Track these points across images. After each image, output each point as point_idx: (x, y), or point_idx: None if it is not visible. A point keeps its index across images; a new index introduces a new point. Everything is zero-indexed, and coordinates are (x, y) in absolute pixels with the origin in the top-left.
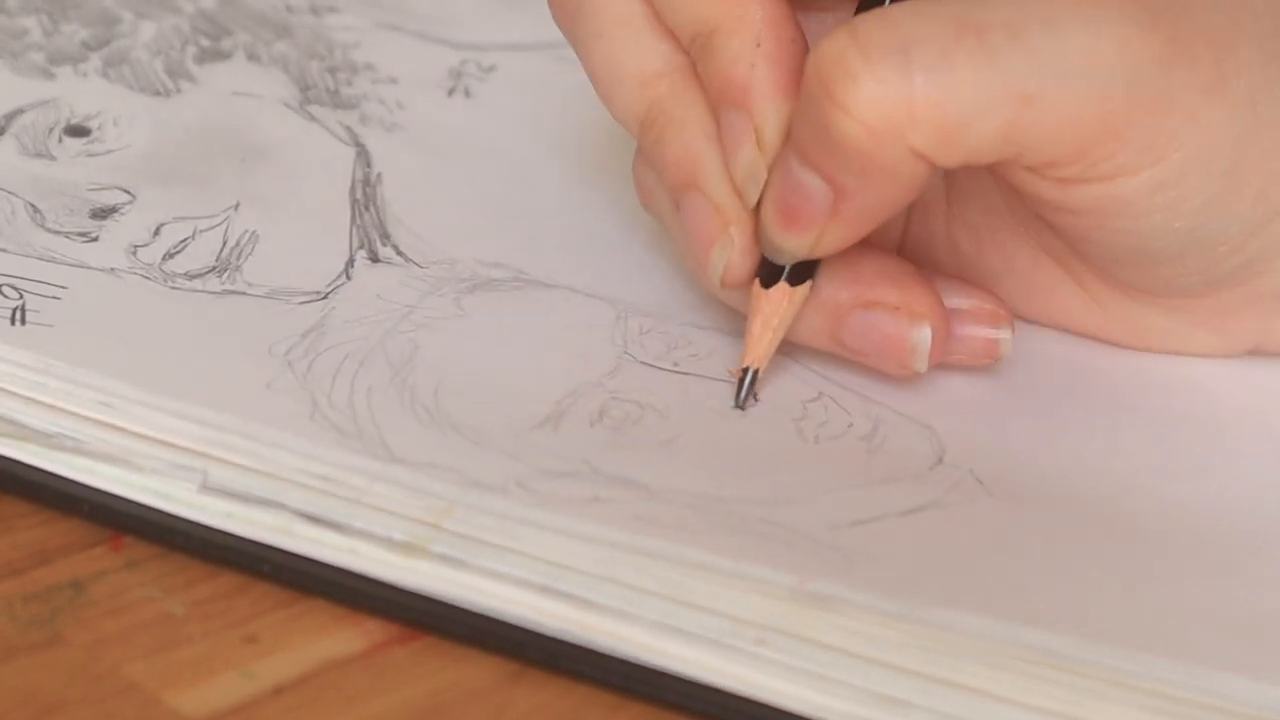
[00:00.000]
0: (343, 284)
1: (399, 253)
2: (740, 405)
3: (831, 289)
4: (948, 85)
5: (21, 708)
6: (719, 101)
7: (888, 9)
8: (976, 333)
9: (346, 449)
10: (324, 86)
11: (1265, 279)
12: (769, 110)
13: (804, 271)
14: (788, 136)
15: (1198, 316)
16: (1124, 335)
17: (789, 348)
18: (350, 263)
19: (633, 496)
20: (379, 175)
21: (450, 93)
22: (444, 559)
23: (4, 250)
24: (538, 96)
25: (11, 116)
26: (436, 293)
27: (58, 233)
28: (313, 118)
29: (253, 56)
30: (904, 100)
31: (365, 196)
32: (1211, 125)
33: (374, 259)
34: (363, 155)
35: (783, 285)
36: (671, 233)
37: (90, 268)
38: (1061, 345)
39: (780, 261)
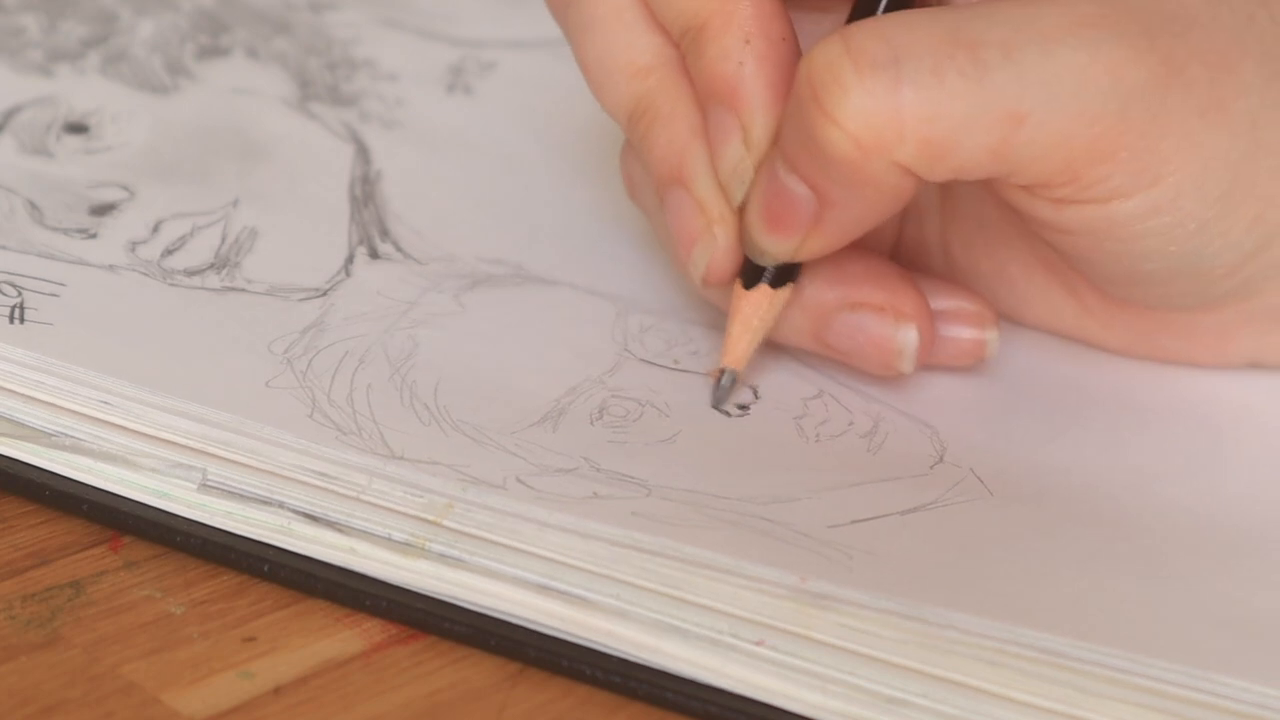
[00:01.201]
0: (342, 280)
1: (398, 249)
2: (717, 406)
3: (816, 289)
4: (938, 102)
5: (21, 708)
6: (707, 98)
7: (882, 19)
8: (962, 334)
9: (346, 446)
10: (323, 83)
11: (1262, 298)
12: (756, 109)
13: (787, 274)
14: (775, 138)
15: (1193, 332)
16: (1118, 346)
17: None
18: (350, 259)
19: (632, 493)
20: (378, 172)
21: (450, 89)
22: (443, 558)
23: (3, 247)
24: (537, 93)
25: (10, 114)
26: (436, 289)
27: (56, 230)
28: (312, 115)
29: (252, 53)
30: (893, 114)
31: (364, 193)
32: (1208, 149)
33: (373, 255)
34: (362, 152)
35: (764, 287)
36: (656, 227)
37: (89, 265)
38: (1062, 345)
39: (763, 263)
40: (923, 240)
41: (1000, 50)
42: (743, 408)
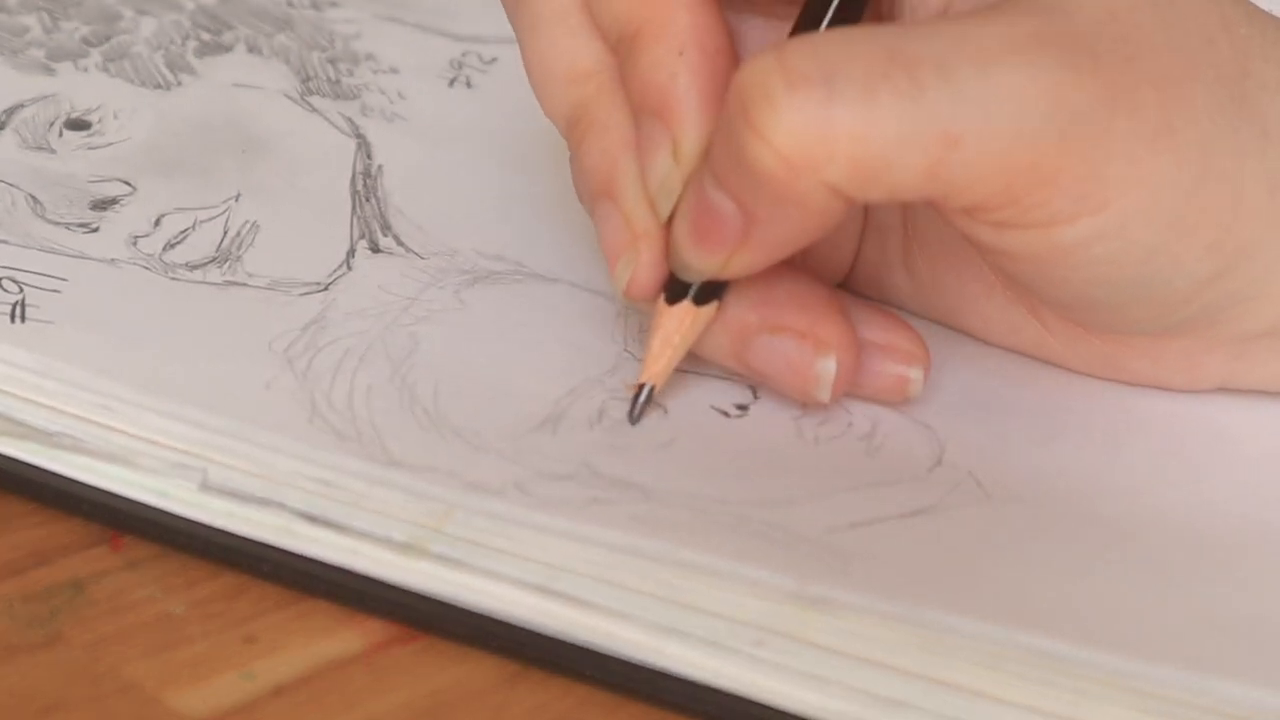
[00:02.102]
0: (343, 274)
1: (400, 243)
2: (633, 422)
3: (739, 309)
4: (870, 121)
5: (21, 708)
6: (638, 108)
7: (820, 35)
8: (887, 369)
9: (345, 453)
10: (325, 77)
11: (1225, 327)
12: (687, 122)
13: (711, 291)
14: (705, 152)
15: (1160, 356)
16: (1083, 368)
17: None
18: (351, 253)
19: (631, 498)
20: (380, 167)
21: (451, 83)
22: (444, 559)
23: (4, 242)
24: None
25: (11, 111)
26: (437, 285)
27: (58, 224)
28: (313, 109)
29: (253, 49)
30: (823, 133)
31: (366, 188)
32: (1155, 175)
33: (375, 249)
34: (363, 146)
35: (687, 303)
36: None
37: (90, 258)
38: None
39: (687, 279)
40: (884, 257)
41: (936, 69)
42: (741, 408)
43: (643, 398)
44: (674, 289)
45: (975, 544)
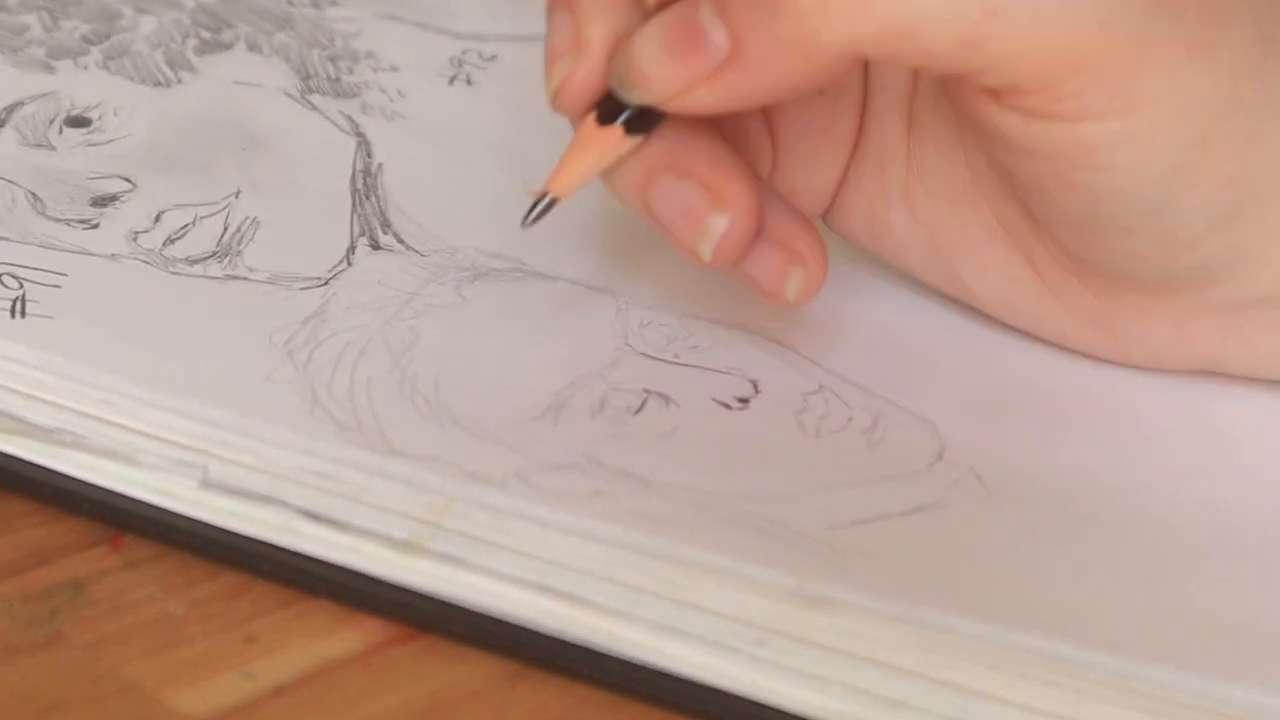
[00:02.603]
0: (344, 270)
1: (400, 240)
2: (525, 227)
3: (656, 146)
4: None
5: (21, 708)
6: None
7: None
8: (771, 259)
9: (346, 443)
10: (325, 75)
11: (1223, 288)
12: None
13: (642, 124)
14: None
15: (1150, 319)
16: (1074, 329)
17: (790, 339)
18: (351, 249)
19: (632, 489)
20: (379, 165)
21: (451, 81)
22: (444, 557)
23: (4, 238)
24: (539, 86)
25: (11, 109)
26: (437, 281)
27: (58, 220)
28: (313, 107)
29: (253, 47)
30: None
31: (366, 186)
32: (1189, 88)
33: (375, 246)
34: (363, 145)
35: (615, 128)
36: None
37: (91, 254)
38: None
39: (626, 99)
40: (884, 189)
41: None
42: (742, 401)
43: (542, 205)
44: (605, 110)
45: (976, 542)
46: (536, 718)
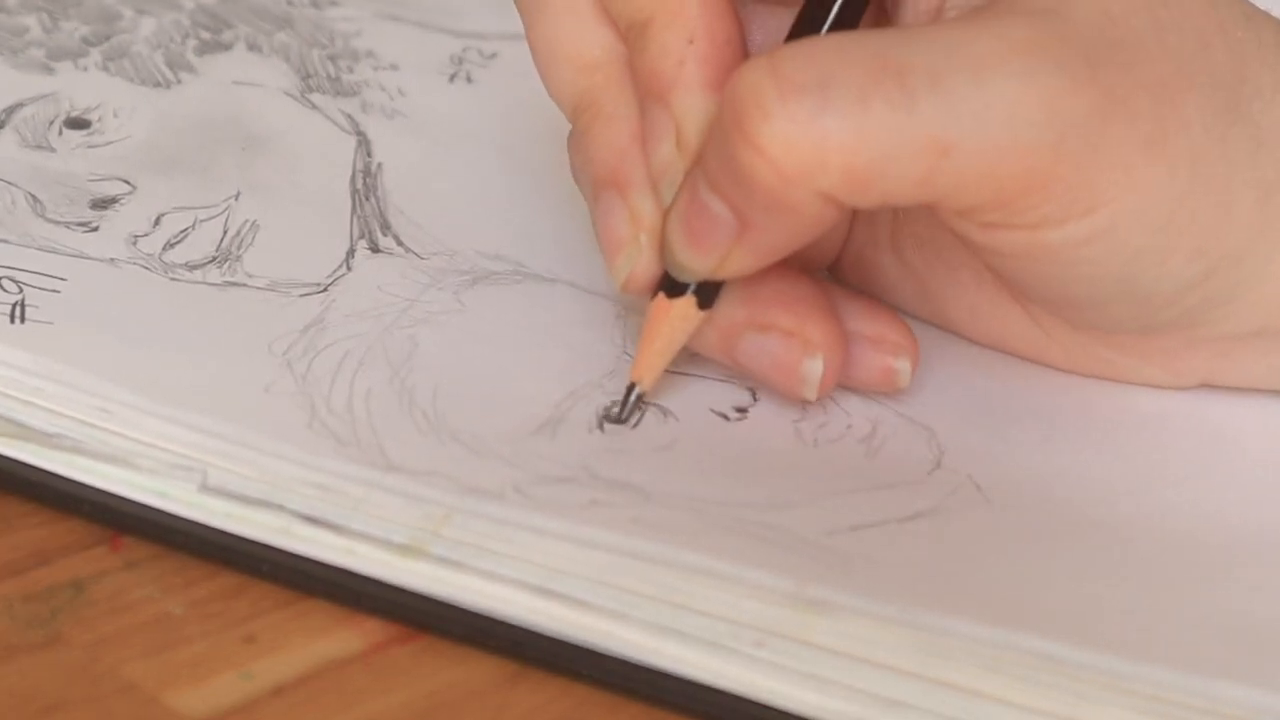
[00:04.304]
0: (343, 275)
1: (399, 243)
2: (622, 420)
3: (728, 306)
4: (862, 130)
5: (21, 708)
6: (645, 95)
7: (814, 40)
8: (875, 362)
9: (344, 458)
10: (325, 74)
11: (1208, 328)
12: (692, 109)
13: (709, 292)
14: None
15: (1143, 353)
16: (1068, 362)
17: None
18: (351, 253)
19: (630, 500)
20: (379, 165)
21: (452, 79)
22: (443, 560)
23: (4, 241)
24: (539, 85)
25: (11, 110)
26: (436, 286)
27: (58, 223)
28: (314, 106)
29: (253, 47)
30: (816, 143)
31: (366, 186)
32: (1147, 182)
33: (374, 249)
34: (363, 144)
35: (680, 303)
36: (592, 218)
37: (90, 258)
38: None
39: (681, 278)
40: (874, 238)
41: (929, 78)
42: (741, 411)
43: (632, 398)
44: (670, 285)
45: (974, 547)
46: (536, 718)
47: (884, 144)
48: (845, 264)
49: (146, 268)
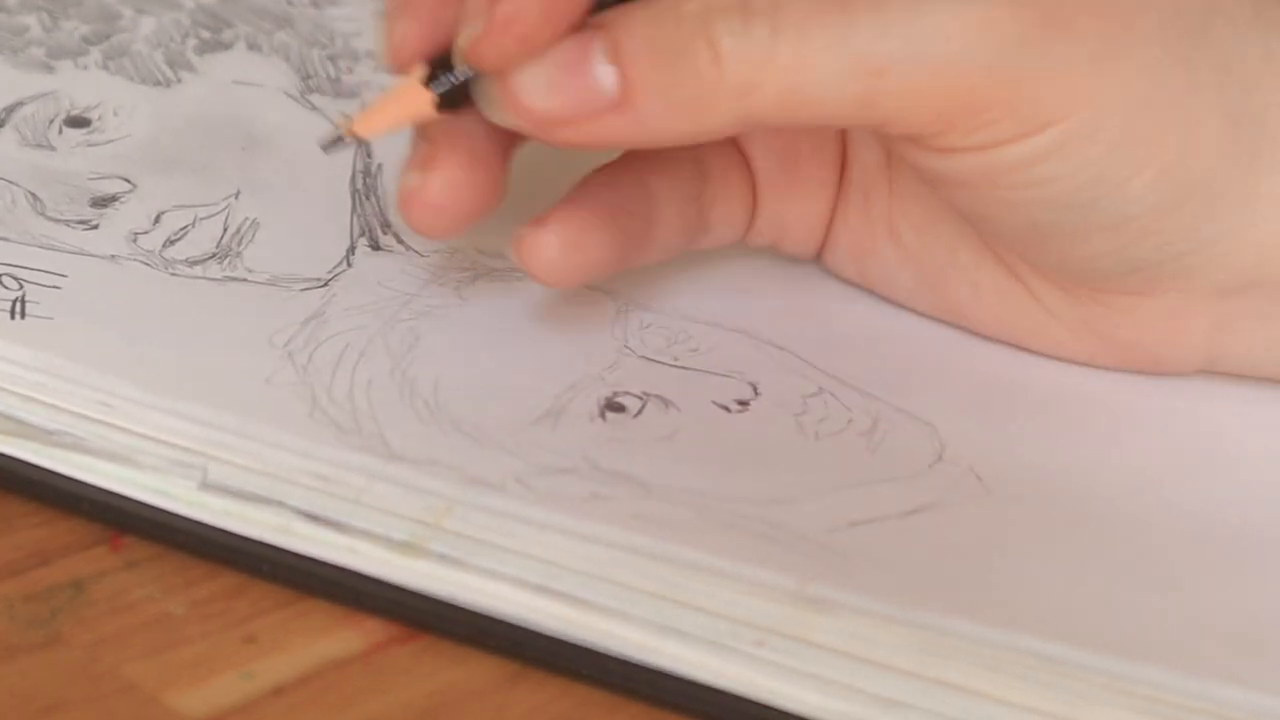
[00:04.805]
0: (344, 270)
1: (400, 241)
2: (324, 148)
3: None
4: (802, 55)
5: (21, 708)
6: None
7: None
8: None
9: (346, 446)
10: (325, 75)
11: (1204, 275)
12: None
13: (462, 99)
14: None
15: (1141, 321)
16: (1069, 341)
17: (790, 341)
18: (351, 250)
19: (631, 494)
20: (379, 165)
21: None
22: (443, 558)
23: (4, 239)
24: None
25: (11, 109)
26: (437, 281)
27: (58, 220)
28: (313, 106)
29: (253, 46)
30: (761, 61)
31: (366, 186)
32: (1097, 97)
33: (375, 247)
34: (363, 144)
35: (430, 97)
36: None
37: (90, 255)
38: None
39: (485, 103)
40: (869, 222)
41: (869, 5)
42: (742, 404)
43: (347, 141)
44: (435, 72)
45: (975, 542)
46: (536, 718)
47: (821, 67)
48: (841, 255)
49: (147, 264)
